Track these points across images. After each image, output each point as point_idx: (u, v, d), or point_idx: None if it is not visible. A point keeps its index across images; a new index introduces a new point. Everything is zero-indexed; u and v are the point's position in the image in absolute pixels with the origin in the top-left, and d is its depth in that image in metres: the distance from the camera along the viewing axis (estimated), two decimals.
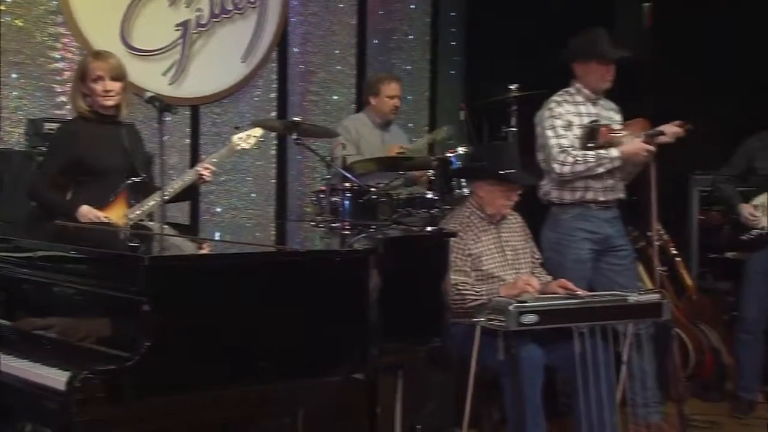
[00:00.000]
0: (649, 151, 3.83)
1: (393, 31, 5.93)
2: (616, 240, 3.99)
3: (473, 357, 3.21)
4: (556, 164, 3.88)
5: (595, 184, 3.91)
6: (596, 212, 3.95)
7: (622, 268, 3.99)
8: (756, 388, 4.56)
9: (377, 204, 4.13)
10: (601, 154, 3.82)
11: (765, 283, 4.42)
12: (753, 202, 4.39)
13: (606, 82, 3.96)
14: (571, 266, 3.92)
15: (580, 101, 3.99)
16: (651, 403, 3.91)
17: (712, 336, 4.91)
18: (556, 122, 3.93)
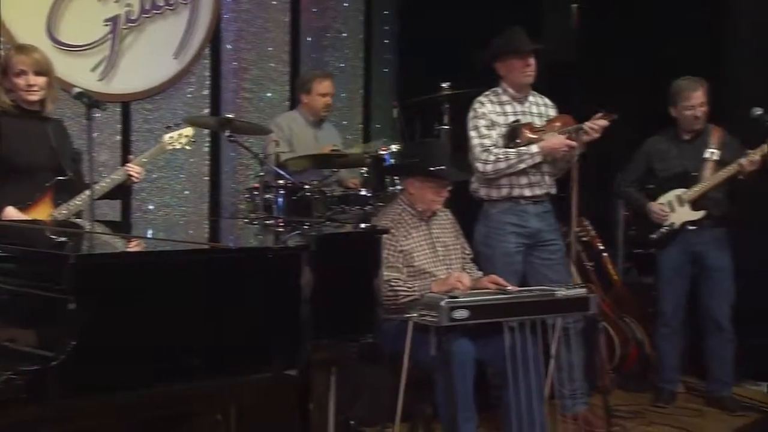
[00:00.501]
0: (570, 146, 3.90)
1: (326, 28, 5.91)
2: (546, 234, 4.06)
3: (405, 352, 3.23)
4: (479, 163, 3.96)
5: (520, 180, 3.98)
6: (525, 207, 4.02)
7: (552, 263, 4.07)
8: (676, 379, 4.69)
9: (311, 201, 4.12)
10: (521, 150, 3.90)
11: (678, 278, 4.55)
12: (659, 201, 4.52)
13: (526, 76, 4.03)
14: (499, 259, 3.99)
15: (505, 101, 4.06)
16: (578, 395, 3.99)
17: (636, 329, 5.04)
18: (480, 122, 4.00)
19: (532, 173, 3.99)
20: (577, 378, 3.99)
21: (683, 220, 4.48)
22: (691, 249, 4.50)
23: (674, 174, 4.53)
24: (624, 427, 4.13)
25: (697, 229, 4.47)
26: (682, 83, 4.49)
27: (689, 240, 4.48)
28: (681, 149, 4.55)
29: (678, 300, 4.58)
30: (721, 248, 4.50)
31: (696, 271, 4.55)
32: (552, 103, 4.19)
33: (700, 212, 4.46)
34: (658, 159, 4.59)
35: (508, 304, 3.36)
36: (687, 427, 4.17)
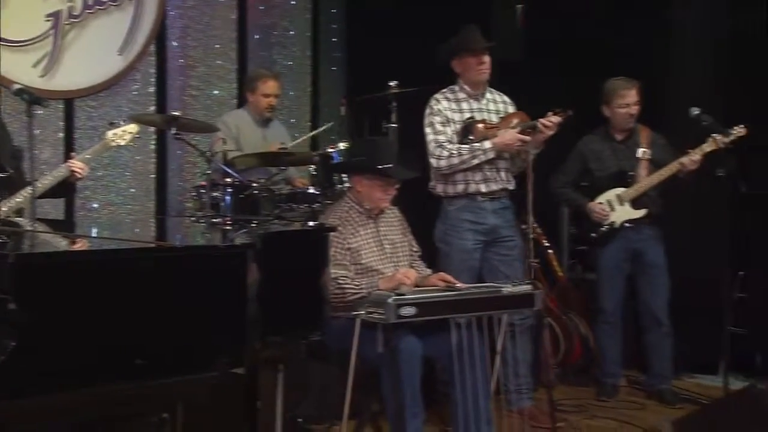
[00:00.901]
0: (523, 141, 3.95)
1: (274, 26, 5.87)
2: (503, 231, 4.11)
3: (353, 349, 3.23)
4: (433, 159, 4.00)
5: (476, 176, 4.03)
6: (482, 203, 4.07)
7: (508, 259, 4.12)
8: (618, 373, 4.78)
9: (258, 199, 4.09)
10: (475, 146, 3.95)
11: (618, 274, 4.64)
12: (598, 200, 4.60)
13: (481, 73, 4.07)
14: (456, 256, 4.04)
15: (462, 98, 4.11)
16: (523, 390, 4.05)
17: (580, 324, 5.12)
18: (435, 119, 4.05)
19: (488, 169, 4.04)
20: (522, 373, 4.04)
21: (624, 219, 4.57)
22: (629, 246, 4.60)
23: (611, 174, 4.62)
24: (568, 421, 4.19)
25: (635, 226, 4.57)
26: (617, 82, 4.58)
27: (628, 238, 4.58)
28: (615, 149, 4.64)
29: (618, 296, 4.67)
30: (657, 245, 4.61)
31: (634, 267, 4.64)
32: (510, 101, 4.24)
33: (641, 211, 4.56)
34: (593, 159, 4.67)
35: (455, 300, 3.37)
36: (629, 420, 4.25)
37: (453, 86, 4.14)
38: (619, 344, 4.74)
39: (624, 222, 4.57)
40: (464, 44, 4.06)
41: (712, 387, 4.58)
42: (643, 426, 4.15)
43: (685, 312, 4.73)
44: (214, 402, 2.59)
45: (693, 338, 4.81)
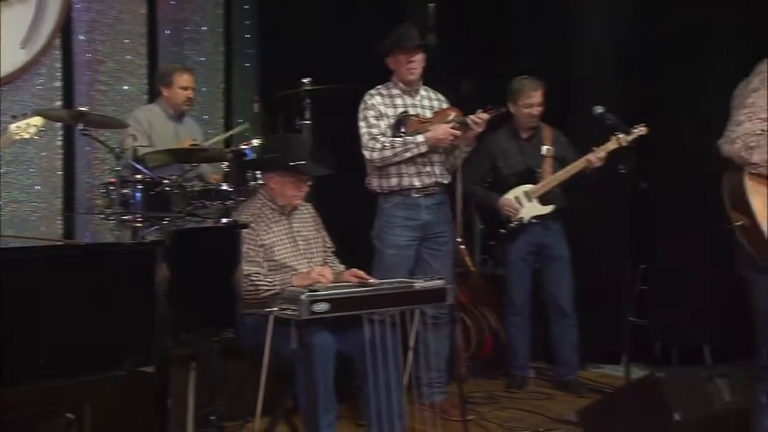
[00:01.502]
0: (454, 136, 4.02)
1: (185, 21, 5.78)
2: (436, 227, 4.17)
3: (266, 346, 3.23)
4: (366, 151, 4.06)
5: (409, 169, 4.09)
6: (417, 199, 4.12)
7: (439, 254, 4.19)
8: (528, 365, 4.91)
9: (170, 196, 4.03)
10: (408, 139, 4.02)
11: (525, 268, 4.78)
12: (508, 197, 4.72)
13: (410, 72, 4.13)
14: (389, 252, 4.10)
15: (396, 94, 4.17)
16: (435, 384, 4.11)
17: (491, 318, 5.23)
18: (368, 113, 4.10)
19: (421, 163, 4.10)
20: (435, 368, 4.11)
21: (532, 215, 4.70)
22: (536, 241, 4.73)
23: (518, 171, 4.75)
24: (479, 413, 4.28)
25: (541, 222, 4.70)
26: (525, 82, 4.71)
27: (534, 232, 4.71)
28: (521, 147, 4.77)
29: (526, 289, 4.80)
30: (562, 239, 4.76)
31: (540, 261, 4.78)
32: (444, 98, 4.30)
33: (549, 207, 4.69)
34: (501, 156, 4.79)
35: (368, 296, 3.39)
36: (537, 410, 4.37)
37: (388, 83, 4.21)
38: (528, 336, 4.87)
39: (532, 218, 4.70)
40: (396, 42, 4.12)
41: (616, 376, 4.75)
42: (551, 415, 4.27)
43: (590, 304, 4.89)
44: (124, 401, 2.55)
45: (598, 329, 4.98)
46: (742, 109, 2.68)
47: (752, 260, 2.75)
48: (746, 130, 2.63)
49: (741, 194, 2.68)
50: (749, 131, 2.62)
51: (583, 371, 4.95)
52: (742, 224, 2.69)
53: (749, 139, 2.61)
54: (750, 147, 2.61)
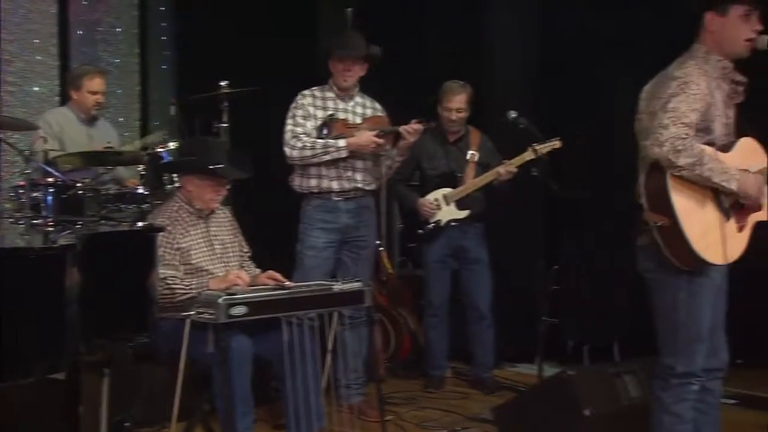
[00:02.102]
0: (378, 144, 4.04)
1: (99, 22, 5.67)
2: (356, 230, 4.19)
3: (183, 350, 3.20)
4: (287, 148, 4.06)
5: (329, 172, 4.10)
6: (336, 203, 4.13)
7: (358, 258, 4.20)
8: (445, 365, 4.99)
9: (83, 199, 3.93)
10: (330, 142, 4.02)
11: (443, 270, 4.85)
12: (428, 198, 4.79)
13: (344, 79, 4.14)
14: (307, 254, 4.12)
15: (329, 97, 4.18)
16: (353, 385, 4.13)
17: (410, 319, 5.29)
18: (297, 112, 4.12)
19: (342, 167, 4.11)
20: (353, 369, 4.13)
21: (449, 218, 4.77)
22: (454, 243, 4.81)
23: (441, 173, 4.81)
24: (397, 413, 4.33)
25: (460, 225, 4.78)
26: (449, 85, 4.77)
27: (453, 235, 4.79)
28: (447, 150, 4.84)
29: (444, 291, 4.87)
30: (481, 242, 4.85)
31: (459, 263, 4.86)
32: (381, 107, 4.31)
33: (464, 212, 4.77)
34: (426, 158, 4.85)
35: (286, 299, 3.39)
36: (453, 409, 4.44)
37: (324, 85, 4.22)
38: (446, 337, 4.94)
39: (449, 221, 4.77)
40: (334, 48, 4.13)
41: (530, 375, 4.85)
42: (467, 414, 4.35)
43: (505, 304, 5.00)
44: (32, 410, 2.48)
45: (513, 329, 5.09)
46: (665, 113, 2.76)
47: (661, 260, 2.83)
48: (672, 134, 2.71)
49: (663, 195, 2.76)
50: (675, 135, 2.71)
51: (498, 370, 5.06)
52: (661, 225, 2.78)
53: (676, 142, 2.70)
54: (677, 150, 2.70)
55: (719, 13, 2.86)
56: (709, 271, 2.85)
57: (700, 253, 2.76)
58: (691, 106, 2.76)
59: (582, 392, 3.42)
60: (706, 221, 2.80)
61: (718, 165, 2.76)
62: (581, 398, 3.40)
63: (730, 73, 2.91)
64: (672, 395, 2.91)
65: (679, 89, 2.78)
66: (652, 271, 2.92)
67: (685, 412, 2.93)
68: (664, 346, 2.93)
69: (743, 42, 2.85)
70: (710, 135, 2.85)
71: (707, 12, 2.88)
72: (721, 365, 3.01)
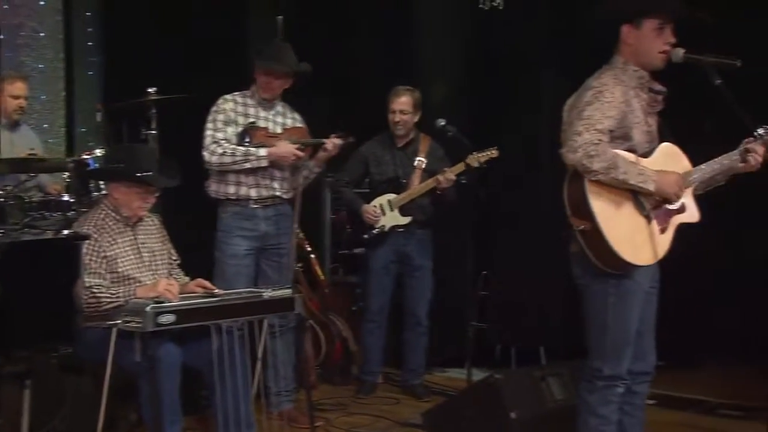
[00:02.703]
0: (297, 156, 4.04)
1: (21, 26, 5.51)
2: (276, 238, 4.17)
3: (109, 360, 3.14)
4: (206, 153, 4.02)
5: (248, 180, 4.07)
6: (254, 210, 4.10)
7: (278, 265, 4.17)
8: (378, 371, 4.99)
9: (5, 207, 3.84)
10: (250, 150, 4.00)
11: (385, 276, 4.86)
12: (372, 204, 4.81)
13: (267, 91, 4.13)
14: (228, 262, 4.07)
15: (251, 103, 4.16)
16: (283, 392, 4.11)
17: (341, 326, 5.28)
18: (218, 116, 4.08)
19: (261, 175, 4.08)
20: (284, 376, 4.11)
21: (392, 224, 4.78)
22: (398, 249, 4.82)
23: (387, 179, 4.83)
24: (327, 419, 4.32)
25: (405, 231, 4.79)
26: (394, 88, 4.80)
27: (397, 241, 4.80)
28: (395, 155, 4.86)
29: (384, 297, 4.88)
30: (425, 249, 4.86)
31: (401, 269, 4.87)
32: (300, 118, 4.30)
33: (406, 218, 4.78)
34: (374, 163, 4.86)
35: (216, 306, 3.36)
36: (384, 415, 4.45)
37: (246, 91, 4.18)
38: (382, 343, 4.93)
39: (393, 226, 4.79)
40: (262, 60, 4.10)
41: (460, 379, 4.90)
42: (397, 419, 4.37)
43: (435, 310, 5.04)
44: None
45: (443, 334, 5.13)
46: (579, 121, 2.83)
47: (589, 265, 2.89)
48: (585, 140, 2.78)
49: (582, 200, 2.82)
50: (588, 141, 2.78)
51: (429, 375, 5.09)
52: (583, 228, 2.84)
53: (589, 148, 2.77)
54: (590, 155, 2.77)
55: (634, 26, 2.95)
56: (635, 275, 2.92)
57: (622, 255, 2.82)
58: (605, 114, 2.84)
59: (508, 396, 3.47)
60: (627, 224, 2.87)
61: (633, 168, 2.83)
62: (507, 402, 3.45)
63: (648, 82, 3.00)
64: (598, 397, 2.97)
65: (594, 98, 2.87)
66: (582, 277, 2.98)
67: (610, 414, 2.99)
68: (592, 349, 2.98)
69: (657, 54, 2.94)
70: (630, 142, 2.92)
71: (624, 25, 2.96)
72: (648, 369, 3.08)
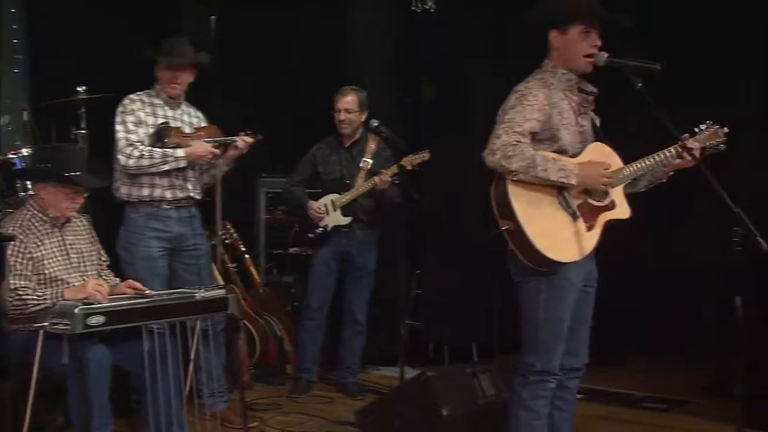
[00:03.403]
0: (214, 155, 4.00)
1: None
2: (190, 239, 4.10)
3: (35, 362, 3.07)
4: (122, 156, 3.92)
5: (162, 181, 4.00)
6: (167, 211, 4.03)
7: (194, 267, 4.11)
8: (314, 370, 4.97)
9: None
10: (168, 152, 3.93)
11: (327, 275, 4.86)
12: (318, 203, 4.81)
13: (173, 88, 4.05)
14: (140, 264, 3.96)
15: (157, 103, 4.07)
16: (217, 393, 4.07)
17: (276, 325, 5.27)
18: (128, 118, 3.98)
19: (175, 176, 4.02)
20: (216, 377, 4.07)
21: (334, 224, 4.79)
22: (340, 249, 4.82)
23: (333, 179, 4.84)
24: (262, 419, 4.30)
25: (348, 231, 4.79)
26: (340, 88, 4.79)
27: (339, 241, 4.80)
28: (341, 155, 4.85)
29: (325, 296, 4.87)
30: (367, 250, 4.86)
31: (343, 269, 4.87)
32: (203, 116, 4.25)
33: (347, 218, 4.78)
34: (322, 163, 4.86)
35: (147, 308, 3.31)
36: (318, 414, 4.44)
37: (150, 90, 4.09)
38: (320, 341, 4.91)
39: (335, 226, 4.78)
40: (160, 56, 4.02)
41: (393, 377, 4.90)
42: (330, 418, 4.37)
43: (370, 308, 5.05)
44: None
45: (377, 332, 5.15)
46: (501, 124, 2.91)
47: (520, 265, 2.93)
48: (504, 142, 2.85)
49: (505, 201, 2.87)
50: (506, 143, 2.84)
51: (363, 373, 5.10)
52: (508, 228, 2.88)
53: (507, 149, 2.83)
54: (508, 156, 2.82)
55: (561, 31, 3.01)
56: (566, 272, 2.97)
57: (545, 253, 2.88)
58: (526, 117, 2.90)
59: (440, 393, 3.50)
60: (549, 222, 2.92)
61: (553, 164, 2.89)
62: (439, 398, 3.48)
63: (577, 84, 3.06)
64: (530, 391, 3.02)
65: (517, 101, 2.94)
66: (516, 275, 3.03)
67: (541, 408, 3.04)
68: (525, 344, 3.03)
69: (584, 58, 3.00)
70: (558, 143, 2.98)
71: (551, 30, 3.03)
72: (580, 365, 3.14)
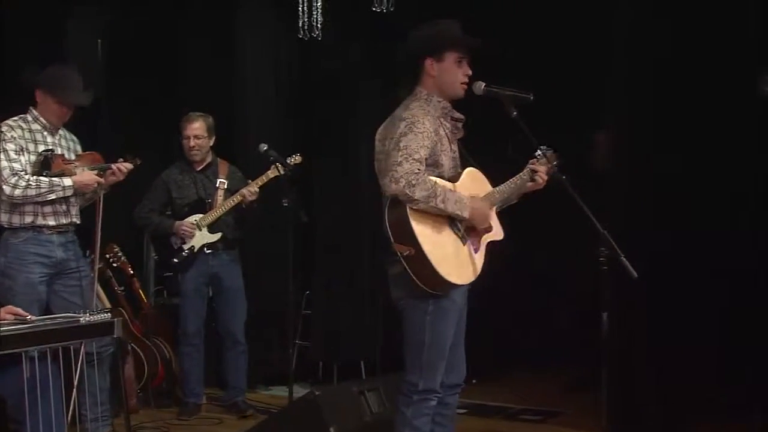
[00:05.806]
0: (99, 183, 3.89)
1: None
2: (71, 263, 3.95)
3: None
4: (7, 186, 3.75)
5: (46, 209, 3.85)
6: (49, 236, 3.88)
7: (79, 290, 3.96)
8: (201, 392, 4.86)
9: None
10: (54, 181, 3.79)
11: (198, 298, 4.76)
12: (186, 220, 4.70)
13: (58, 118, 3.93)
14: (21, 290, 3.80)
15: (36, 129, 3.91)
16: (101, 418, 3.90)
17: (165, 348, 5.11)
18: (8, 146, 3.80)
19: (59, 203, 3.87)
20: (101, 401, 3.90)
21: (202, 243, 4.69)
22: (208, 271, 4.73)
23: (191, 201, 4.75)
24: None
25: (213, 252, 4.71)
26: (187, 115, 4.73)
27: (205, 263, 4.71)
28: (195, 178, 4.78)
29: (199, 319, 4.77)
30: (234, 269, 4.81)
31: (214, 290, 4.78)
32: (78, 140, 4.12)
33: (216, 235, 4.71)
34: (175, 188, 4.76)
35: (28, 333, 3.14)
36: None
37: (25, 115, 3.90)
38: (201, 365, 4.82)
39: (203, 246, 4.69)
40: (55, 89, 3.84)
41: (283, 397, 4.84)
42: None
43: (259, 329, 4.98)
44: None
45: (267, 353, 5.08)
46: (398, 152, 2.88)
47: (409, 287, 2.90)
48: (406, 170, 2.83)
49: (405, 226, 2.84)
50: (409, 171, 2.82)
51: (253, 393, 5.02)
52: (408, 254, 2.86)
53: (410, 177, 2.81)
54: (412, 185, 2.81)
55: (436, 59, 3.04)
56: (452, 293, 2.99)
57: (446, 277, 2.88)
58: (420, 143, 2.91)
59: (327, 411, 3.48)
60: (448, 246, 2.94)
61: (451, 195, 2.92)
62: (327, 416, 3.46)
63: (450, 111, 3.10)
64: (413, 410, 3.01)
65: (408, 129, 2.93)
66: (402, 298, 3.01)
67: (423, 426, 3.04)
68: (409, 364, 3.02)
69: (459, 84, 3.06)
70: (439, 168, 3.02)
71: (426, 58, 3.05)
72: (459, 381, 3.16)
